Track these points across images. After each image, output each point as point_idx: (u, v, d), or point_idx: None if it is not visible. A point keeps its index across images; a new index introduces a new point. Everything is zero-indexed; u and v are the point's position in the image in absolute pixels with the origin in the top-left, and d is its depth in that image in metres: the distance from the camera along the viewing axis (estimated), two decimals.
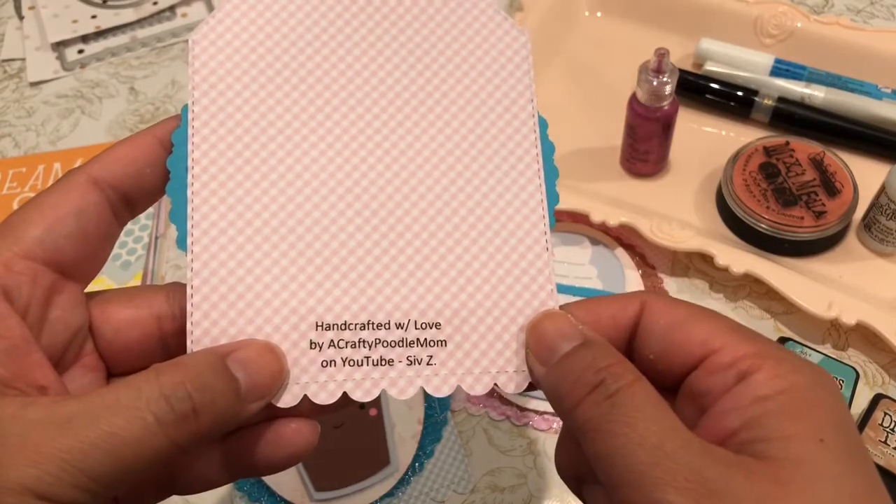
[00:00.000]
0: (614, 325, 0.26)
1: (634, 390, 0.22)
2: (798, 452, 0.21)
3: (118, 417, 0.21)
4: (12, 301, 0.23)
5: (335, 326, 0.26)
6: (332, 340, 0.25)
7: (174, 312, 0.26)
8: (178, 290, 0.26)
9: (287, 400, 0.25)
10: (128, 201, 0.26)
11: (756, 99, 0.58)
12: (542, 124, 0.29)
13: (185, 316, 0.25)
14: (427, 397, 0.48)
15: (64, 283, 0.25)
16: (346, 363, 0.25)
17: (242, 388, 0.23)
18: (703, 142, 0.59)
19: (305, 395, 0.25)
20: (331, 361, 0.25)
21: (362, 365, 0.25)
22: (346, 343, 0.25)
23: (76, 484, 0.20)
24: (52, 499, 0.20)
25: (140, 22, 0.72)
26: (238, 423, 0.24)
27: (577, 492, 0.26)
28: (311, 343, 0.25)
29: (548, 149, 0.28)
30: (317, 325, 0.25)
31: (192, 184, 0.26)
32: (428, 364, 0.26)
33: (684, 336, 0.24)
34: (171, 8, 0.73)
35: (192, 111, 0.26)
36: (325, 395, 0.25)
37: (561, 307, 0.27)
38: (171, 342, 0.26)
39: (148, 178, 0.26)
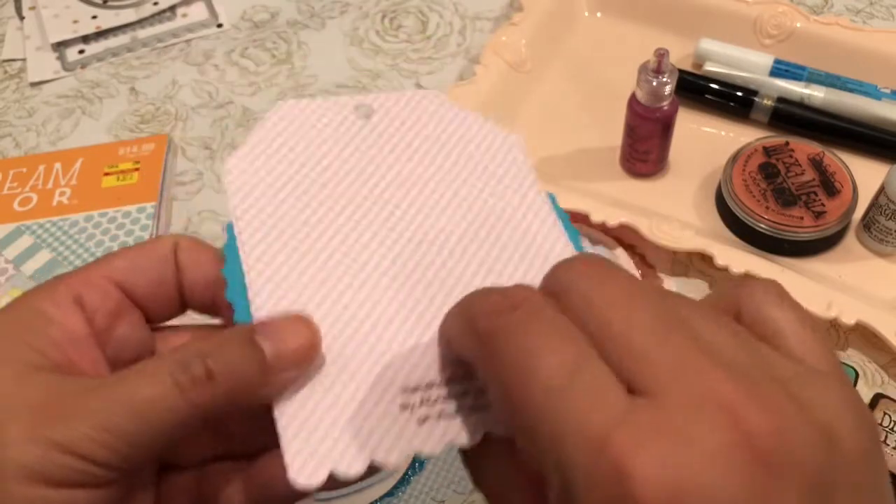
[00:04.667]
0: None
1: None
2: None
3: (140, 380, 0.23)
4: (83, 307, 0.26)
5: (419, 388, 0.26)
6: (420, 399, 0.26)
7: None
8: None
9: (394, 461, 0.25)
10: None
11: (755, 99, 0.58)
12: (552, 198, 0.30)
13: None
14: None
15: (133, 308, 0.27)
16: (432, 418, 0.26)
17: (268, 356, 0.23)
18: (703, 142, 0.59)
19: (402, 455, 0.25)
20: (424, 418, 0.25)
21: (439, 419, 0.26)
22: (429, 399, 0.26)
23: (103, 441, 0.22)
24: (80, 454, 0.22)
25: (140, 22, 0.72)
26: (270, 393, 0.24)
27: None
28: (401, 406, 0.25)
29: (564, 217, 0.30)
30: (403, 390, 0.26)
31: (251, 287, 0.27)
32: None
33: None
34: (172, 8, 0.73)
35: (238, 227, 0.28)
36: (427, 449, 0.25)
37: None
38: None
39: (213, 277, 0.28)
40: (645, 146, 0.55)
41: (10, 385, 0.23)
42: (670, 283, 0.53)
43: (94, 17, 0.73)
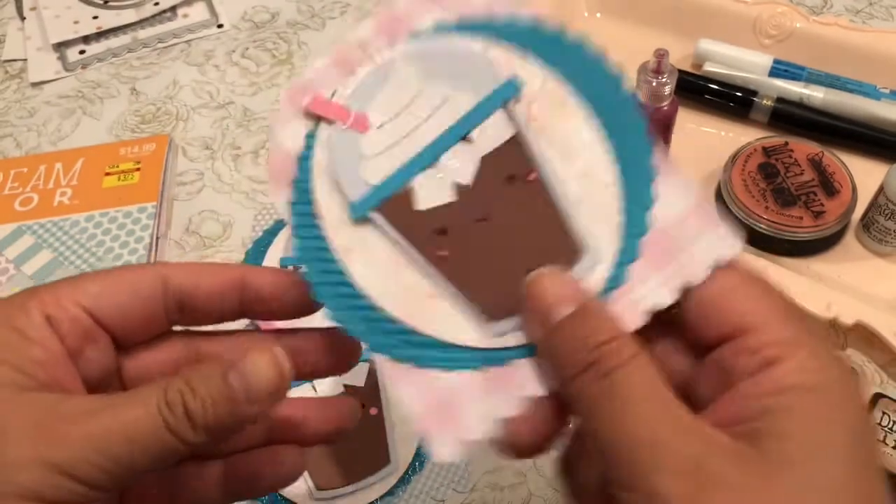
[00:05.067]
0: None
1: (630, 370, 0.22)
2: (798, 455, 0.20)
3: (135, 409, 0.24)
4: (54, 328, 0.26)
5: None
6: None
7: (189, 359, 0.29)
8: (195, 336, 0.29)
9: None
10: (181, 306, 0.28)
11: (755, 99, 0.58)
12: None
13: (201, 358, 0.29)
14: None
15: (100, 333, 0.27)
16: None
17: (238, 395, 0.24)
18: (703, 142, 0.59)
19: None
20: None
21: None
22: None
23: (97, 465, 0.23)
24: (76, 476, 0.23)
25: (141, 22, 0.72)
26: (248, 422, 0.25)
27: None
28: None
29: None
30: None
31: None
32: None
33: (725, 306, 0.23)
34: (173, 8, 0.73)
35: None
36: None
37: None
38: None
39: (215, 303, 0.29)
40: None
41: (3, 407, 0.24)
42: None
43: (95, 17, 0.73)
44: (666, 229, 0.25)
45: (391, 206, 0.27)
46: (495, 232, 0.26)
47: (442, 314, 0.26)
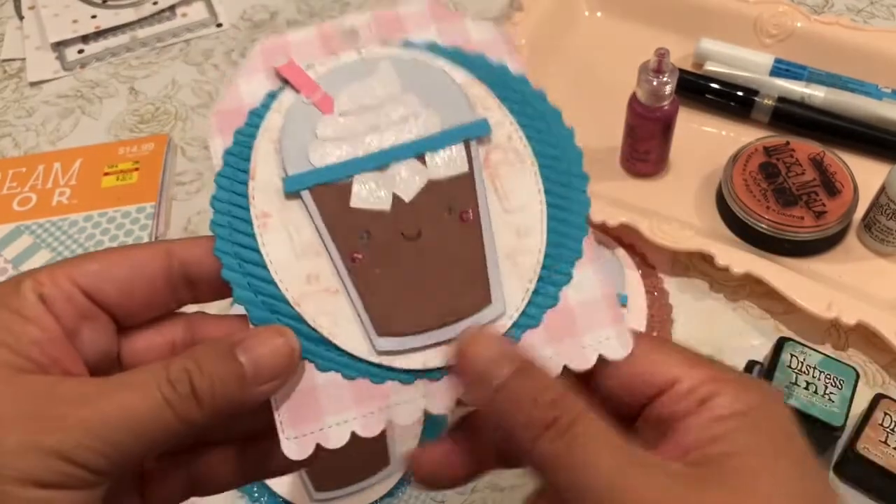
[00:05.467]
0: None
1: (587, 421, 0.23)
2: (756, 465, 0.22)
3: (132, 392, 0.24)
4: (48, 306, 0.25)
5: None
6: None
7: (186, 342, 0.28)
8: (196, 318, 0.29)
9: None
10: (189, 281, 0.27)
11: (756, 99, 0.58)
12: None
13: (199, 342, 0.27)
14: None
15: (98, 313, 0.27)
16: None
17: (247, 371, 0.24)
18: (703, 142, 0.59)
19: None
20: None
21: None
22: None
23: (95, 449, 0.23)
24: (73, 460, 0.22)
25: (140, 22, 0.72)
26: (253, 404, 0.25)
27: None
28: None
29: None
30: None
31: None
32: None
33: (644, 369, 0.25)
34: (171, 8, 0.73)
35: None
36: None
37: None
38: None
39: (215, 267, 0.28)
40: (645, 146, 0.55)
41: (1, 392, 0.23)
42: (670, 283, 0.53)
43: (94, 16, 0.73)
44: (571, 310, 0.26)
45: (325, 192, 0.27)
46: (416, 253, 0.26)
47: (334, 313, 0.26)
